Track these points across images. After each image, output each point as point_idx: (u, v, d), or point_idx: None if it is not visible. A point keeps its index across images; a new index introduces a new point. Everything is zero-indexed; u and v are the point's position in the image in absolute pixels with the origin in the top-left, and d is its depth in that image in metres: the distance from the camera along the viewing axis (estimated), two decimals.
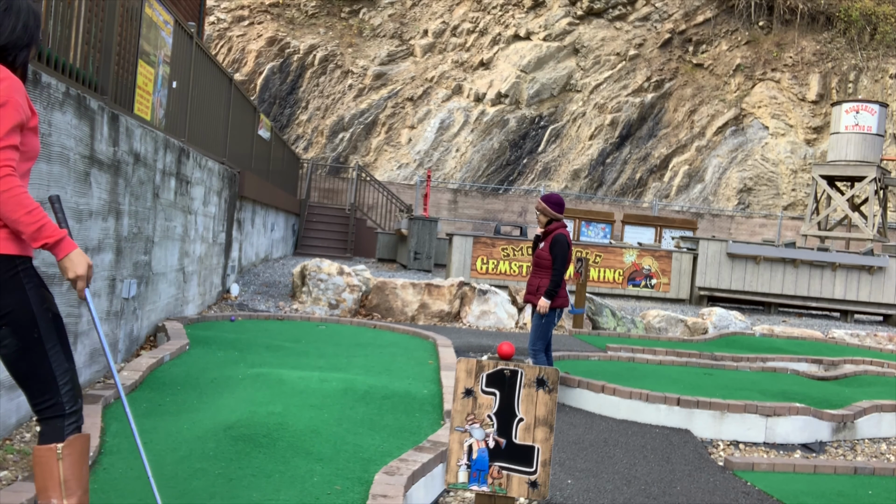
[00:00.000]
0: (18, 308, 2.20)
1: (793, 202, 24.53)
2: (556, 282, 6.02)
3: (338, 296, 10.44)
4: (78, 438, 2.25)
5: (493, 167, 24.05)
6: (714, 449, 5.53)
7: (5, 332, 2.21)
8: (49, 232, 2.19)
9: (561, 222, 6.21)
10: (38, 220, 2.16)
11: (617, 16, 25.05)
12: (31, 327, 2.21)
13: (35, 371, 2.23)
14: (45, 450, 2.22)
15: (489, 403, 2.81)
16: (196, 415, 4.36)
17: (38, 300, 2.23)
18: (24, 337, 2.21)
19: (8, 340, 2.21)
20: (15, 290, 2.20)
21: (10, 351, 2.22)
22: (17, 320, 2.20)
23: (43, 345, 2.23)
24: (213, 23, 23.81)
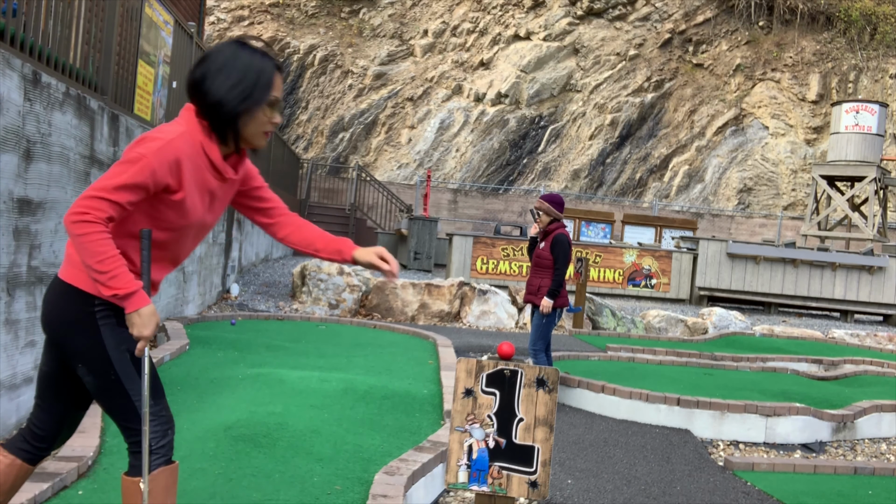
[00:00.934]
0: (92, 349, 2.17)
1: (793, 202, 24.53)
2: (558, 281, 6.04)
3: (338, 296, 10.44)
4: (162, 472, 2.24)
5: (493, 167, 24.05)
6: (714, 449, 5.53)
7: (83, 369, 2.20)
8: (120, 284, 2.06)
9: (561, 222, 6.25)
10: (109, 269, 2.05)
11: (617, 16, 25.05)
12: (106, 369, 2.18)
13: (116, 408, 2.23)
14: (130, 482, 2.23)
15: (489, 403, 2.81)
16: (196, 415, 4.36)
17: (113, 342, 2.18)
18: (101, 377, 2.19)
19: (87, 378, 2.21)
20: (88, 330, 2.17)
21: (91, 388, 2.23)
22: (92, 361, 2.18)
23: (122, 385, 2.20)
24: (213, 23, 23.81)
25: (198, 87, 2.24)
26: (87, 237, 2.04)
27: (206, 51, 2.32)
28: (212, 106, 2.23)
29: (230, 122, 2.25)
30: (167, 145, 2.15)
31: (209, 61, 2.26)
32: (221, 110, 2.23)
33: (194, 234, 2.34)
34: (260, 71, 2.28)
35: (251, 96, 2.26)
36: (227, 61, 2.25)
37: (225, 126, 2.26)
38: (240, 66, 2.26)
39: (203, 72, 2.24)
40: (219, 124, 2.25)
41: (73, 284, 2.18)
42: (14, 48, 4.00)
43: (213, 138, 2.26)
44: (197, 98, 2.25)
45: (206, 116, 2.24)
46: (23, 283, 4.10)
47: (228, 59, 2.26)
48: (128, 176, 2.09)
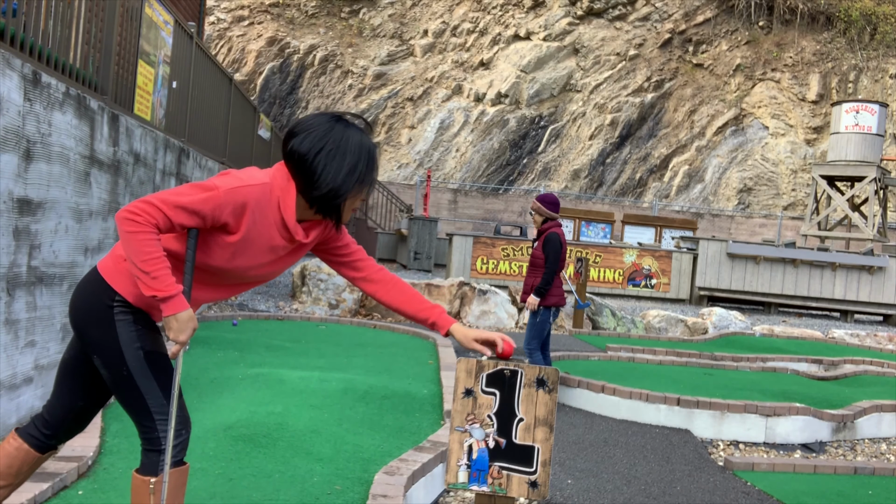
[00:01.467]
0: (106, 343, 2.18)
1: (793, 202, 24.53)
2: (546, 279, 6.04)
3: (338, 296, 10.44)
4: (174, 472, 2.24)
5: (493, 167, 24.06)
6: (714, 449, 5.53)
7: (98, 361, 2.22)
8: (161, 286, 2.06)
9: (555, 221, 6.24)
10: (152, 269, 2.05)
11: (617, 16, 25.05)
12: (119, 364, 2.19)
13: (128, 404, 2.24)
14: (140, 480, 2.23)
15: (489, 403, 2.81)
16: (196, 415, 4.36)
17: (127, 338, 2.19)
18: (114, 372, 2.21)
19: (103, 371, 2.22)
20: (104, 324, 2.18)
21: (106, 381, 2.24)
22: (105, 355, 2.19)
23: (134, 381, 2.20)
24: (213, 23, 23.81)
25: (302, 161, 2.18)
26: (136, 235, 2.05)
27: (306, 123, 2.23)
28: (324, 189, 2.18)
29: (338, 204, 2.22)
30: (241, 189, 2.14)
31: (315, 139, 2.19)
32: (333, 194, 2.20)
33: (240, 277, 2.30)
34: (370, 154, 2.25)
35: (363, 181, 2.23)
36: (338, 144, 2.20)
37: (332, 207, 2.23)
38: (353, 148, 2.22)
39: (310, 150, 2.17)
40: (325, 205, 2.22)
41: (102, 275, 2.21)
42: (14, 48, 4.00)
43: (294, 198, 2.21)
44: (297, 169, 2.19)
45: (310, 190, 2.19)
46: (23, 283, 4.10)
47: (339, 140, 2.20)
48: (192, 199, 2.09)
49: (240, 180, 2.15)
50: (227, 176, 2.17)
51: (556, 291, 6.17)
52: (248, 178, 2.17)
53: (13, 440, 2.36)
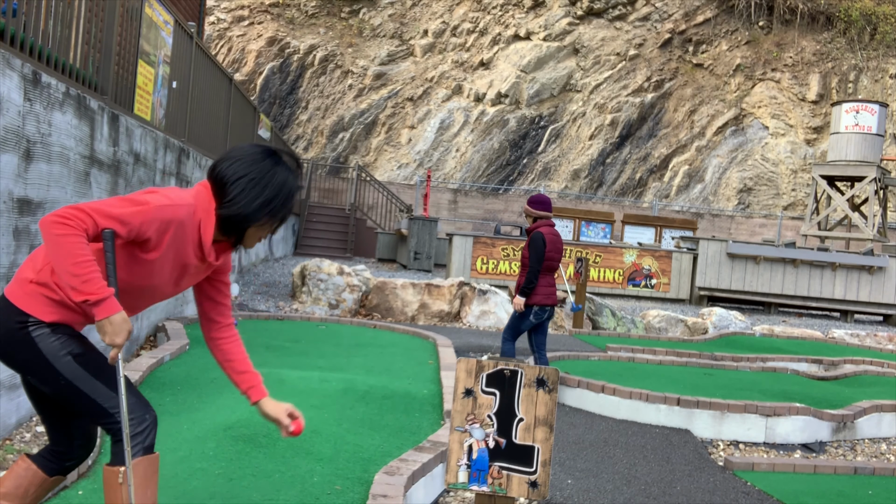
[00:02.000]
0: (34, 363, 2.18)
1: (793, 202, 24.53)
2: (528, 279, 6.03)
3: (338, 296, 10.44)
4: (142, 461, 2.24)
5: (493, 167, 24.06)
6: (714, 449, 5.53)
7: (34, 380, 2.22)
8: (93, 288, 2.03)
9: (545, 220, 6.19)
10: (84, 272, 2.02)
11: (617, 16, 25.05)
12: (54, 377, 2.19)
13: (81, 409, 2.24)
14: (110, 471, 2.24)
15: (489, 403, 2.81)
16: (196, 415, 4.36)
17: (53, 350, 2.18)
18: (52, 385, 2.20)
19: (43, 387, 2.22)
20: (25, 347, 2.17)
21: (50, 395, 2.24)
22: (37, 373, 2.19)
23: (75, 386, 2.20)
24: (213, 23, 23.81)
25: (223, 183, 2.28)
26: (66, 238, 2.02)
27: (239, 151, 2.34)
28: (233, 211, 2.28)
29: (243, 228, 2.33)
30: (169, 207, 2.19)
31: (242, 166, 2.30)
32: (240, 218, 2.30)
33: (150, 295, 2.35)
34: (290, 193, 2.36)
35: (274, 215, 2.35)
36: (262, 175, 2.31)
37: (235, 229, 2.33)
38: (275, 183, 2.32)
39: (234, 175, 2.28)
40: (230, 226, 2.31)
41: (10, 300, 2.19)
42: (14, 48, 4.00)
43: (214, 221, 2.30)
44: (218, 190, 2.29)
45: (219, 208, 2.29)
46: None
47: (264, 173, 2.31)
48: (123, 211, 2.12)
49: (169, 199, 2.20)
50: (156, 193, 2.21)
51: (542, 290, 6.12)
52: (176, 198, 2.22)
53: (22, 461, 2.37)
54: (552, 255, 6.14)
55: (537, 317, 6.16)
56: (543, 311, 6.16)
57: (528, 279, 6.04)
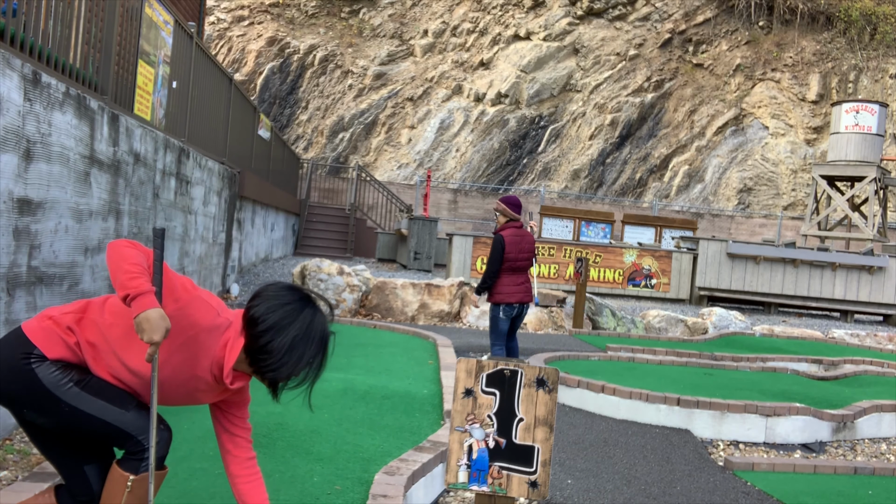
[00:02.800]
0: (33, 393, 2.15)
1: (793, 202, 24.53)
2: (483, 278, 6.33)
3: (338, 296, 10.44)
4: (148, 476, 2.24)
5: (493, 167, 24.06)
6: (714, 449, 5.53)
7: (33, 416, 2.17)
8: (135, 283, 2.04)
9: (514, 223, 6.41)
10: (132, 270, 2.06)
11: (617, 16, 25.05)
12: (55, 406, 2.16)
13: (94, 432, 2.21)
14: (119, 473, 2.22)
15: (489, 403, 2.81)
16: (196, 415, 4.36)
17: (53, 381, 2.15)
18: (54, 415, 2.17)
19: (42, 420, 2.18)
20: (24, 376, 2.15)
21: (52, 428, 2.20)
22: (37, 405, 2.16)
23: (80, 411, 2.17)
24: (213, 23, 23.81)
25: (260, 336, 2.15)
26: (128, 249, 2.12)
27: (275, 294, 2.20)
28: (279, 375, 2.17)
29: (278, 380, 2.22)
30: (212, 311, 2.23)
31: (285, 318, 2.16)
32: (279, 376, 2.18)
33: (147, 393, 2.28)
34: (326, 346, 2.24)
35: (311, 370, 2.22)
36: (303, 332, 2.17)
37: (272, 381, 2.22)
38: (313, 338, 2.19)
39: (277, 326, 2.14)
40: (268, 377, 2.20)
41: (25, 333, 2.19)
42: (14, 48, 4.00)
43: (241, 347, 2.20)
44: (255, 341, 2.16)
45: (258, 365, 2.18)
46: (23, 283, 4.10)
47: (304, 329, 2.17)
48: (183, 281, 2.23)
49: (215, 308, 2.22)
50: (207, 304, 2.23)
51: (506, 289, 6.29)
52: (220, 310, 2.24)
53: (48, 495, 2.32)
54: (515, 256, 6.30)
55: (506, 314, 6.35)
56: (511, 308, 6.34)
57: (483, 278, 6.35)
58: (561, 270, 14.25)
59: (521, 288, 6.37)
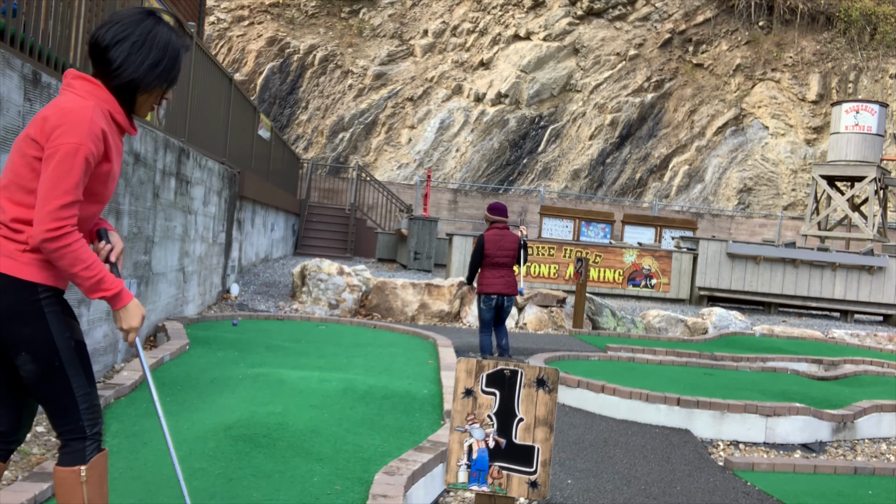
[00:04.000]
0: (39, 337, 2.15)
1: (793, 202, 24.53)
2: (468, 271, 7.42)
3: (338, 296, 10.44)
4: (99, 457, 2.25)
5: (493, 167, 24.06)
6: (714, 449, 5.53)
7: (25, 358, 2.17)
8: (107, 285, 2.17)
9: (499, 224, 7.33)
10: (95, 274, 2.13)
11: (617, 16, 25.05)
12: (51, 356, 2.18)
13: (56, 396, 2.21)
14: (68, 472, 2.21)
15: (489, 403, 2.81)
16: (196, 415, 4.36)
17: (59, 329, 2.18)
18: (45, 365, 2.18)
19: (29, 366, 2.17)
20: (35, 320, 2.15)
21: (30, 376, 2.19)
22: (38, 349, 2.16)
23: (64, 372, 2.19)
24: (213, 23, 23.81)
25: (104, 52, 2.22)
26: (71, 247, 2.08)
27: (116, 16, 2.27)
28: (123, 79, 2.23)
29: (134, 95, 2.28)
30: (92, 124, 2.13)
31: (123, 30, 2.23)
32: (132, 85, 2.25)
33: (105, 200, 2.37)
34: (177, 53, 2.32)
35: (166, 78, 2.30)
36: (145, 37, 2.25)
37: (128, 98, 2.28)
38: (159, 44, 2.27)
39: (115, 39, 2.22)
40: (123, 95, 2.27)
41: (15, 275, 2.13)
42: (14, 48, 4.00)
43: (117, 101, 2.27)
44: (100, 62, 2.23)
45: (108, 82, 2.24)
46: None
47: (147, 34, 2.25)
48: (77, 171, 2.09)
49: (84, 119, 2.13)
50: (71, 124, 2.11)
51: (486, 281, 7.22)
52: (83, 110, 2.14)
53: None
54: (494, 253, 7.22)
55: (486, 303, 7.22)
56: (490, 299, 7.21)
57: (469, 272, 7.44)
58: (561, 270, 14.25)
59: (502, 280, 7.20)
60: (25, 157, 2.13)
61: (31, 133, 2.14)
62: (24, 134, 2.17)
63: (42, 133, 2.11)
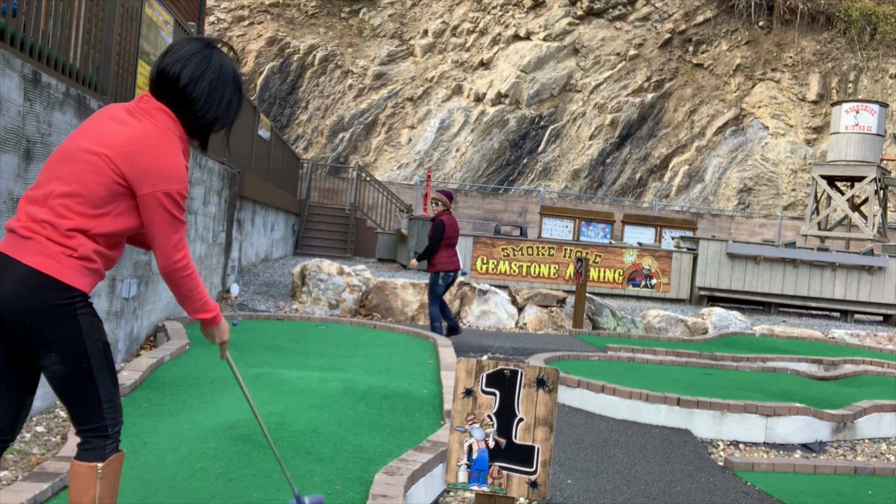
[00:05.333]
0: (70, 338, 2.18)
1: (793, 202, 24.53)
2: (426, 248, 8.29)
3: (338, 296, 10.44)
4: (116, 457, 2.28)
5: (493, 167, 24.06)
6: (714, 449, 5.53)
7: (54, 358, 2.19)
8: (210, 307, 2.37)
9: (447, 210, 8.43)
10: (203, 299, 2.35)
11: (617, 16, 25.05)
12: (81, 357, 2.21)
13: (82, 397, 2.24)
14: (85, 467, 2.24)
15: (489, 403, 2.81)
16: (196, 415, 4.36)
17: (90, 330, 2.22)
18: (74, 366, 2.20)
19: (57, 367, 2.19)
20: (69, 321, 2.18)
21: (58, 377, 2.21)
22: (68, 350, 2.19)
23: (92, 373, 2.22)
24: (213, 23, 23.81)
25: (183, 91, 2.28)
26: (192, 275, 2.32)
27: (183, 48, 2.30)
28: (207, 119, 2.32)
29: (209, 132, 2.38)
30: (183, 169, 2.26)
31: (199, 67, 2.29)
32: (213, 124, 2.36)
33: None
34: (241, 85, 2.41)
35: (237, 112, 2.42)
36: (219, 73, 2.33)
37: (203, 135, 2.38)
38: (231, 79, 2.36)
39: (193, 77, 2.28)
40: (202, 132, 2.36)
41: (57, 277, 2.15)
42: (14, 48, 4.00)
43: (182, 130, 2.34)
44: (177, 100, 2.28)
45: (187, 120, 2.31)
46: None
47: (220, 70, 2.34)
48: (182, 210, 2.28)
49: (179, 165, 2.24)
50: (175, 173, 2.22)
51: (444, 260, 8.27)
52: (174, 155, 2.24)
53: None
54: (450, 235, 8.32)
55: (444, 280, 8.34)
56: (448, 276, 8.36)
57: (426, 248, 8.31)
58: (561, 270, 14.25)
59: (454, 259, 8.38)
60: (103, 178, 2.19)
61: (112, 157, 2.19)
62: (100, 151, 2.19)
63: (132, 168, 2.19)
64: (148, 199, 2.20)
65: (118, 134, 2.20)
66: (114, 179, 2.18)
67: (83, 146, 2.20)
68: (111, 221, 2.21)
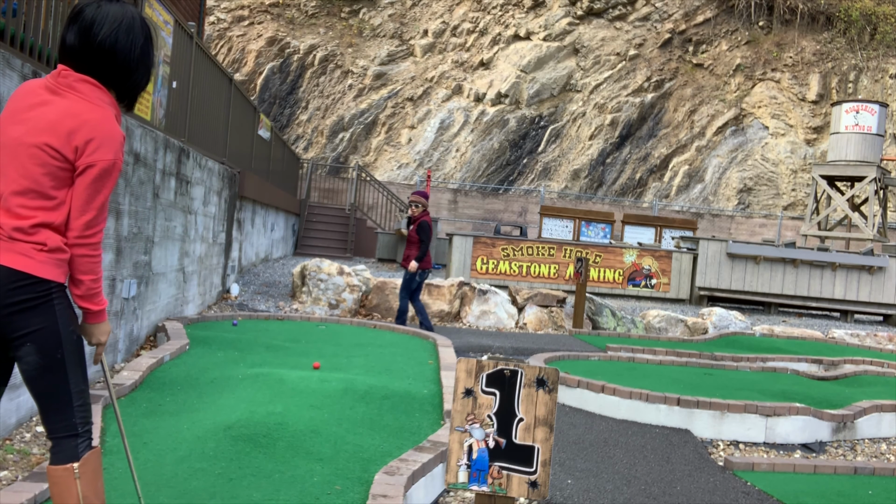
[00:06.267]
0: (46, 327, 2.20)
1: (793, 202, 24.53)
2: (422, 251, 8.95)
3: (338, 296, 10.44)
4: (91, 454, 2.28)
5: (493, 167, 24.05)
6: (714, 449, 5.53)
7: (30, 349, 2.20)
8: (101, 299, 2.31)
9: (427, 211, 9.15)
10: (98, 287, 2.28)
11: (617, 16, 25.05)
12: (55, 348, 2.21)
13: (53, 391, 2.24)
14: (61, 470, 2.23)
15: (489, 403, 2.81)
16: (196, 415, 4.36)
17: (65, 322, 2.24)
18: (48, 357, 2.21)
19: (31, 358, 2.20)
20: (46, 310, 2.20)
21: (31, 368, 2.21)
22: (44, 339, 2.20)
23: (64, 366, 2.23)
24: (213, 23, 23.81)
25: (112, 55, 2.25)
26: (95, 257, 2.24)
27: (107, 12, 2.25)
28: (133, 78, 2.31)
29: (137, 95, 2.37)
30: (120, 137, 2.24)
31: (126, 29, 2.27)
32: (142, 83, 2.35)
33: None
34: (148, 30, 2.38)
35: (153, 65, 2.45)
36: (144, 31, 2.32)
37: (136, 96, 2.37)
38: (146, 33, 2.34)
39: (120, 40, 2.25)
40: (131, 94, 2.35)
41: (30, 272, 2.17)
42: (14, 48, 4.00)
43: None
44: (105, 64, 2.25)
45: (111, 82, 2.29)
46: None
47: (142, 28, 2.32)
48: (111, 185, 2.24)
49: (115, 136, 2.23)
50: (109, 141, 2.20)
51: (427, 259, 9.03)
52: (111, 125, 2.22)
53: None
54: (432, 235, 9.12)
55: (421, 277, 9.06)
56: (425, 273, 9.11)
57: (421, 251, 8.93)
58: (561, 270, 14.25)
59: (429, 257, 9.11)
60: (47, 167, 2.18)
61: (51, 143, 2.17)
62: (38, 141, 2.18)
63: (69, 146, 2.17)
64: (82, 167, 2.18)
65: (47, 117, 2.19)
66: (57, 167, 2.18)
67: (21, 139, 2.19)
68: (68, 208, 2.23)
